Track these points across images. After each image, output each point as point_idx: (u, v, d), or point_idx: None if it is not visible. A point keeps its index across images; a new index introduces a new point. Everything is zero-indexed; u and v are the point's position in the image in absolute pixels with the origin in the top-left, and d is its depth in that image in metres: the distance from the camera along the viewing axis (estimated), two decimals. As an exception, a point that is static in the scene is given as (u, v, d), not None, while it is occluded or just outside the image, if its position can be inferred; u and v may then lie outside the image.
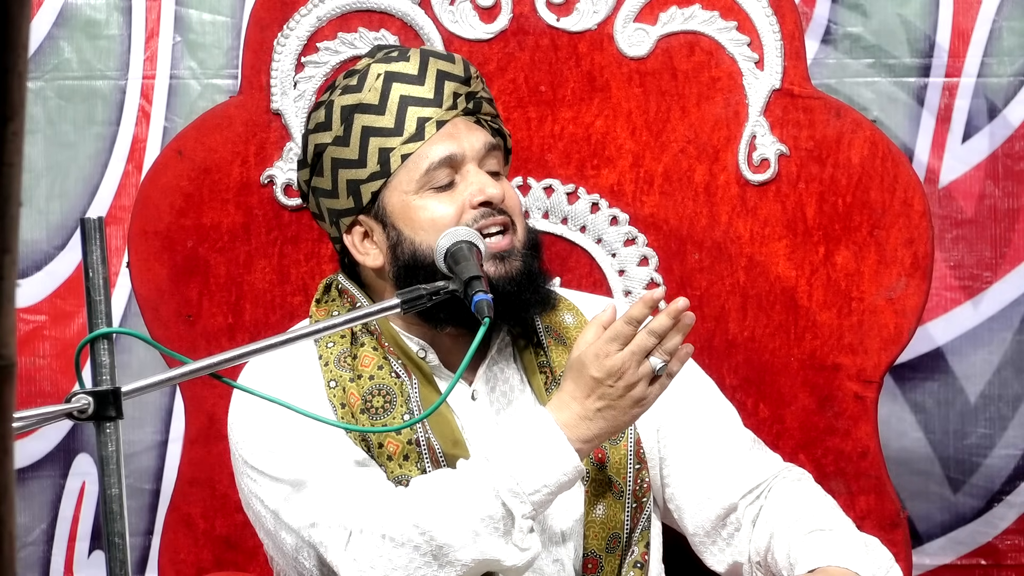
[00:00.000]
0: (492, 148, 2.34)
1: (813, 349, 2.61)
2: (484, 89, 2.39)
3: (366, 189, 2.33)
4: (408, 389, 2.31)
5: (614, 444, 2.32)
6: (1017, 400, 3.10)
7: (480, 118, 2.36)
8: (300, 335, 2.12)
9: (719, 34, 2.63)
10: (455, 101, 2.33)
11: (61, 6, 3.11)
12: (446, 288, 2.18)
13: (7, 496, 1.09)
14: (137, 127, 3.12)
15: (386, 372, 2.31)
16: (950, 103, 3.08)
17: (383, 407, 2.29)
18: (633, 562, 2.32)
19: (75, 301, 3.13)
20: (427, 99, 2.32)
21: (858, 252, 2.60)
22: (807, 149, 2.62)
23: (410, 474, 2.26)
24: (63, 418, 1.85)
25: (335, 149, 2.33)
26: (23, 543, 3.15)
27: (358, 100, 2.32)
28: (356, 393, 2.29)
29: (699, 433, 2.38)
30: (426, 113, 2.31)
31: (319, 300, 2.41)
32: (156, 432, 3.15)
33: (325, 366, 2.31)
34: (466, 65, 2.37)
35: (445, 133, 2.32)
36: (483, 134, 2.34)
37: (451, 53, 2.39)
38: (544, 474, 2.16)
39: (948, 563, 3.13)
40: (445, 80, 2.33)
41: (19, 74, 1.06)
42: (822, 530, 2.26)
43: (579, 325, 2.40)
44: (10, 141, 1.06)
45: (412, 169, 2.30)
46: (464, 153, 2.31)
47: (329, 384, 2.30)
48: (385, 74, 2.32)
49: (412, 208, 2.30)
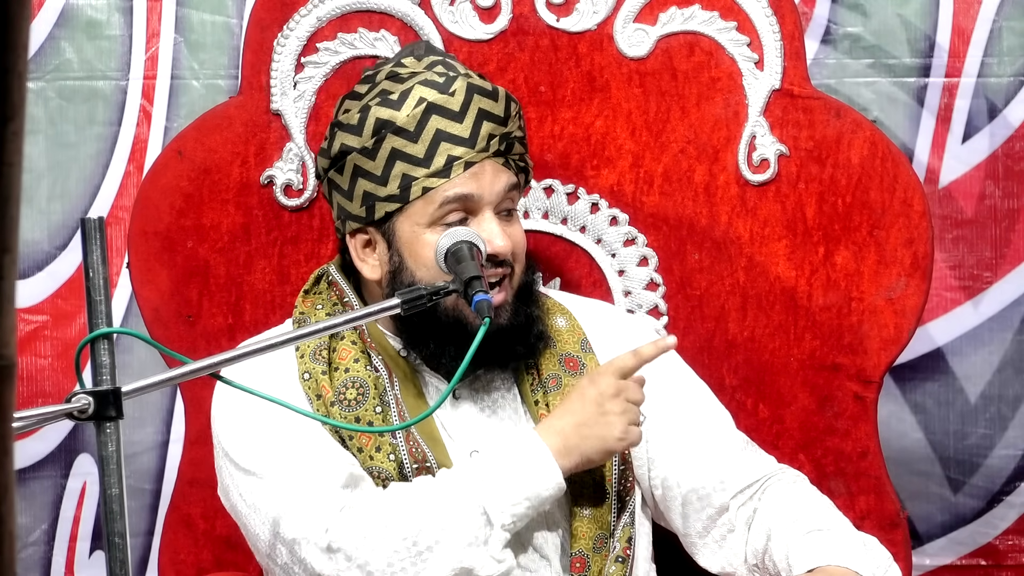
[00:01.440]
0: (513, 188, 2.34)
1: (813, 349, 2.61)
2: (520, 127, 2.37)
3: (381, 207, 2.32)
4: (384, 383, 2.32)
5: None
6: (1017, 400, 3.10)
7: (509, 159, 2.34)
8: (300, 335, 2.12)
9: (719, 34, 2.63)
10: (488, 143, 2.31)
11: (62, 6, 3.11)
12: (446, 288, 2.18)
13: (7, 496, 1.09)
14: (138, 127, 3.12)
15: (362, 365, 2.33)
16: (950, 103, 3.08)
17: (356, 399, 2.31)
18: (615, 557, 2.32)
19: (76, 301, 3.13)
20: (462, 138, 2.30)
21: (858, 252, 2.60)
22: (807, 149, 2.62)
23: (381, 465, 2.27)
24: (63, 418, 1.85)
25: (360, 158, 2.32)
26: (24, 543, 3.15)
27: (393, 119, 2.30)
28: (328, 385, 2.31)
29: (687, 434, 2.38)
30: (457, 152, 2.30)
31: (307, 291, 2.43)
32: (156, 432, 3.16)
33: (301, 358, 2.33)
34: (508, 102, 2.35)
35: (471, 173, 2.30)
36: (508, 176, 2.33)
37: (496, 88, 2.35)
38: (526, 487, 2.20)
39: (948, 563, 3.13)
40: (484, 120, 2.32)
41: (19, 74, 1.06)
42: (820, 530, 2.26)
43: (571, 328, 2.41)
44: (10, 141, 1.06)
45: (429, 203, 2.30)
46: (482, 196, 2.30)
47: (303, 376, 2.32)
48: (427, 105, 2.30)
49: (420, 242, 2.30)
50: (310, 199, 2.65)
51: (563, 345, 2.40)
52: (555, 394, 2.35)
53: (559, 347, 2.39)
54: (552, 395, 2.36)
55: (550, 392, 2.36)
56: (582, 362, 2.39)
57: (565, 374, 2.37)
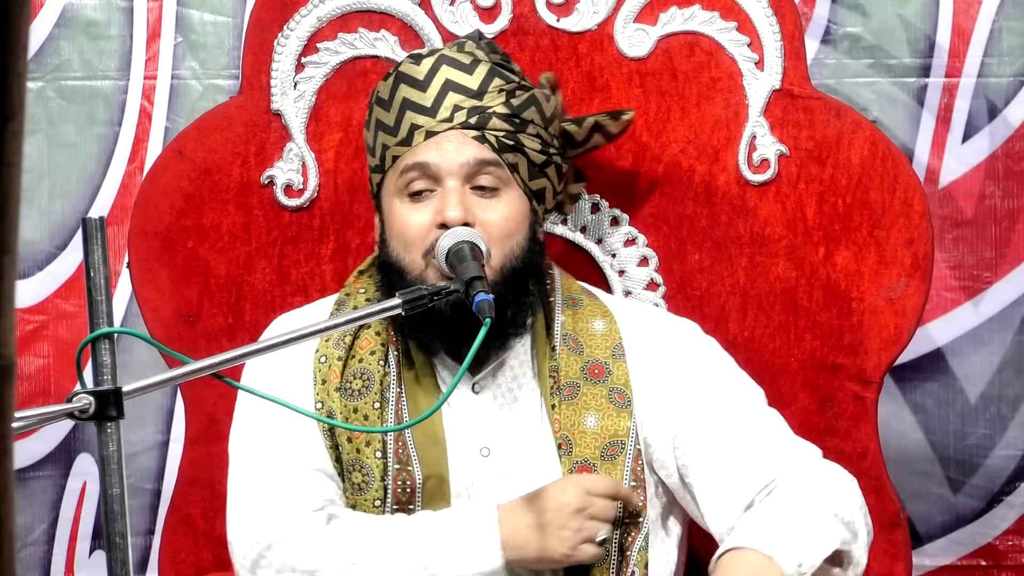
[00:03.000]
0: (487, 164, 2.31)
1: (813, 349, 2.61)
2: (507, 104, 2.34)
3: (374, 178, 2.39)
4: (390, 379, 2.33)
5: (610, 460, 2.30)
6: (1017, 400, 3.10)
7: (486, 133, 2.32)
8: (300, 335, 2.12)
9: (719, 34, 2.63)
10: (453, 114, 2.32)
11: (62, 7, 3.11)
12: (447, 288, 2.18)
13: (7, 496, 1.09)
14: (138, 127, 3.12)
15: (376, 358, 2.33)
16: (950, 103, 3.08)
17: (359, 390, 2.32)
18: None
19: (76, 301, 3.13)
20: (423, 107, 2.33)
21: (858, 252, 2.60)
22: (807, 149, 2.62)
23: (366, 461, 2.28)
24: (64, 418, 1.86)
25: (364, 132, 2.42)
26: (24, 543, 3.15)
27: (377, 91, 2.39)
28: (338, 371, 2.32)
29: (715, 437, 2.32)
30: (419, 121, 2.32)
31: (361, 272, 2.45)
32: (157, 432, 3.16)
33: (325, 341, 2.35)
34: (492, 78, 2.34)
35: (432, 143, 2.31)
36: (478, 150, 2.31)
37: (477, 60, 2.36)
38: (467, 564, 2.21)
39: (948, 564, 3.13)
40: (450, 91, 2.32)
41: (19, 74, 1.06)
42: (761, 511, 2.21)
43: (607, 332, 2.38)
44: (10, 141, 1.06)
45: (395, 171, 2.33)
46: (440, 166, 2.30)
47: (319, 358, 2.34)
48: (397, 74, 2.36)
49: (393, 211, 2.33)
50: (310, 199, 2.65)
51: (592, 351, 2.36)
52: (570, 404, 2.32)
53: (587, 352, 2.36)
54: (567, 404, 2.32)
55: (565, 401, 2.33)
56: (608, 369, 2.35)
57: (586, 382, 2.34)
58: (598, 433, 2.31)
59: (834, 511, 2.19)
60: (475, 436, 2.33)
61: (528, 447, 2.32)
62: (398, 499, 2.29)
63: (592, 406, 2.32)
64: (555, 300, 2.40)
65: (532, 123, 2.35)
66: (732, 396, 2.37)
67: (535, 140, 2.35)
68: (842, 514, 2.20)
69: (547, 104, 2.39)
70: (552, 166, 2.39)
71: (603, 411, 2.32)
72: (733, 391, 2.38)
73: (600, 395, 2.33)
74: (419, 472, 2.29)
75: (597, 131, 2.51)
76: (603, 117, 2.51)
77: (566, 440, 2.30)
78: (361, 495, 2.29)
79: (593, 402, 2.32)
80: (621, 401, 2.33)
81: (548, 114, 2.38)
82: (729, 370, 2.42)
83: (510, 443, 2.32)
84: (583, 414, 2.31)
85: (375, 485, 2.29)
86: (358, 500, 2.29)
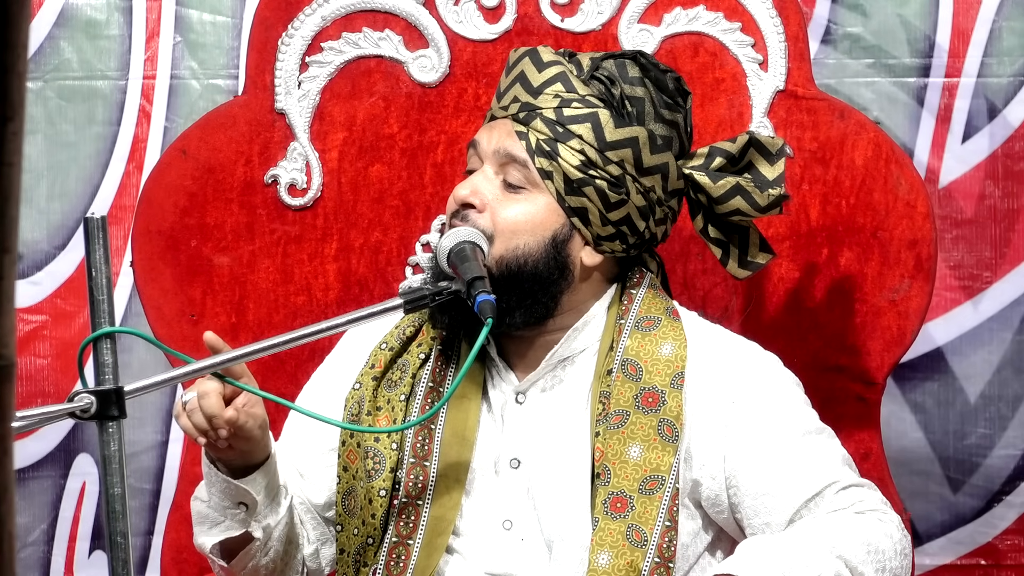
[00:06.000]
0: (515, 161, 2.29)
1: (816, 351, 2.61)
2: (557, 110, 2.29)
3: None
4: (424, 376, 2.32)
5: (648, 495, 2.22)
6: (1017, 400, 3.11)
7: (530, 131, 2.29)
8: (300, 335, 2.12)
9: (723, 35, 2.63)
10: (509, 104, 2.33)
11: (61, 6, 3.11)
12: (449, 288, 2.18)
13: (7, 496, 1.09)
14: (137, 127, 3.12)
15: (422, 351, 2.34)
16: (950, 103, 3.08)
17: (395, 382, 2.34)
18: None
19: (76, 301, 3.13)
20: (500, 91, 2.36)
21: (861, 254, 2.60)
22: (811, 150, 2.62)
23: (382, 450, 2.29)
24: (66, 417, 1.86)
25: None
26: (23, 543, 3.15)
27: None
28: (385, 360, 2.35)
29: (767, 479, 2.26)
30: (493, 104, 2.37)
31: None
32: (157, 432, 3.15)
33: (395, 328, 2.38)
34: (554, 81, 2.30)
35: (489, 125, 2.34)
36: (512, 143, 2.29)
37: (555, 63, 2.32)
38: None
39: (948, 563, 3.13)
40: (517, 83, 2.33)
41: (19, 74, 1.06)
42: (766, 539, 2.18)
43: (673, 359, 2.28)
44: (10, 141, 1.06)
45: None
46: (481, 148, 2.33)
47: (380, 344, 2.37)
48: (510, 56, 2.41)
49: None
50: (314, 198, 2.65)
51: (651, 377, 2.27)
52: (615, 432, 2.24)
53: (645, 379, 2.27)
54: (612, 433, 2.25)
55: (611, 429, 2.25)
56: (663, 399, 2.25)
57: (636, 410, 2.25)
58: (640, 464, 2.23)
59: (838, 552, 2.13)
60: (509, 446, 2.30)
61: (562, 467, 2.27)
62: (408, 493, 2.28)
63: (639, 436, 2.24)
64: (625, 322, 2.31)
65: (579, 138, 2.28)
66: (790, 436, 2.29)
67: (575, 155, 2.28)
68: (847, 557, 2.13)
69: (641, 147, 2.30)
70: (592, 188, 2.28)
71: (649, 442, 2.23)
72: (793, 430, 2.30)
73: (649, 425, 2.24)
74: (434, 470, 2.28)
75: (740, 193, 2.38)
76: (756, 138, 2.40)
77: (605, 470, 2.23)
78: (369, 482, 2.29)
79: (640, 432, 2.24)
80: (669, 435, 2.24)
81: (626, 150, 2.30)
82: (794, 408, 2.33)
83: (544, 459, 2.28)
84: (628, 443, 2.23)
85: (384, 475, 2.28)
86: (366, 487, 2.29)
